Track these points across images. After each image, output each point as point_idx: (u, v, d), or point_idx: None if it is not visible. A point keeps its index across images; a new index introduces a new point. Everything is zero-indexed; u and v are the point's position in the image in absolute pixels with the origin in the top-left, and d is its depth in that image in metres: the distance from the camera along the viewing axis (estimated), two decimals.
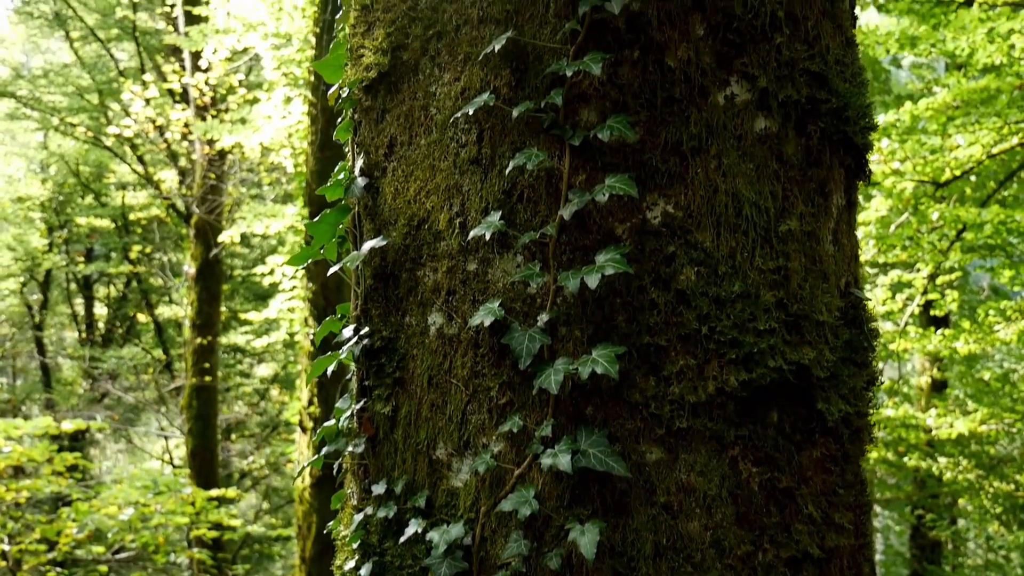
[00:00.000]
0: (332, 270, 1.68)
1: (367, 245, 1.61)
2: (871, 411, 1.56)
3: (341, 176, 1.72)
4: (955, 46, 7.39)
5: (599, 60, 1.40)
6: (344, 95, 1.71)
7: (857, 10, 1.77)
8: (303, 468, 1.82)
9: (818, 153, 1.54)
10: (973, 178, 9.41)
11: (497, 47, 1.46)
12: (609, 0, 1.42)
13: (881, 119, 8.09)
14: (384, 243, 1.60)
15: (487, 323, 1.45)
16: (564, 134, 1.45)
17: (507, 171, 1.47)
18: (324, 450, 1.67)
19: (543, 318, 1.44)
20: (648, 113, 1.46)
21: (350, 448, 1.62)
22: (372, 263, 1.64)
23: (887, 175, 8.17)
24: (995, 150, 8.04)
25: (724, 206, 1.46)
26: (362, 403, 1.62)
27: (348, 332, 1.67)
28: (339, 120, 1.78)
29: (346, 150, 1.76)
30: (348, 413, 1.66)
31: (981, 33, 7.20)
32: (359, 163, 1.69)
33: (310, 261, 1.73)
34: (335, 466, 1.68)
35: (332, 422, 1.69)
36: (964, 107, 7.92)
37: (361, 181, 1.65)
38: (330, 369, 1.72)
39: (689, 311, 1.43)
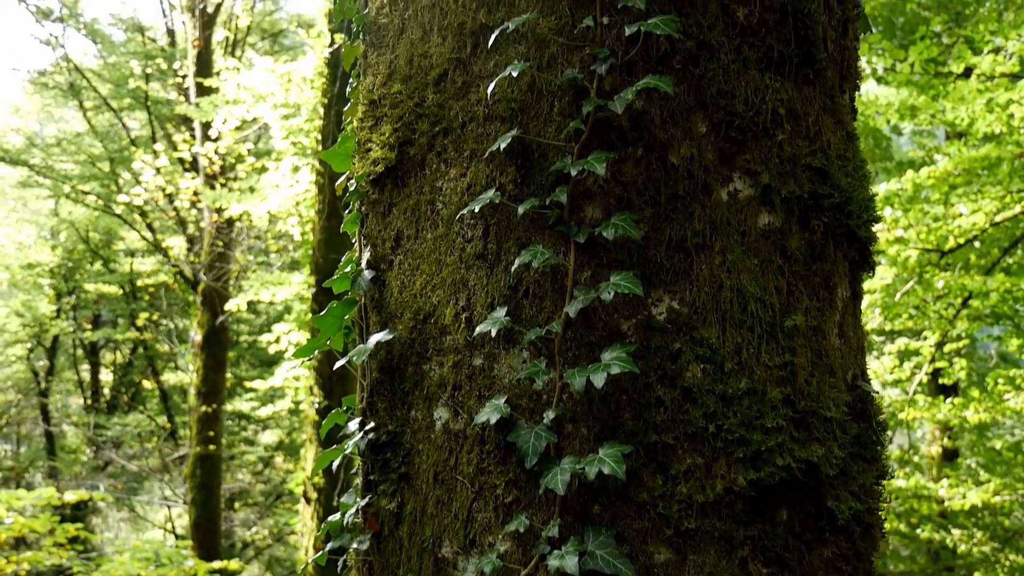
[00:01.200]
0: (339, 364, 1.68)
1: (373, 339, 1.61)
2: (882, 506, 1.54)
3: (348, 268, 1.73)
4: (955, 116, 7.48)
5: (603, 160, 1.42)
6: (352, 187, 1.73)
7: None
8: (308, 553, 1.79)
9: (822, 247, 1.55)
10: (977, 244, 9.42)
11: (503, 145, 1.48)
12: (612, 100, 1.45)
13: (883, 187, 8.15)
14: (390, 337, 1.60)
15: (493, 420, 1.44)
16: (569, 231, 1.46)
17: (513, 268, 1.47)
18: (328, 546, 1.65)
19: (549, 415, 1.44)
20: (652, 210, 1.47)
21: (355, 545, 1.60)
22: (378, 356, 1.64)
23: (891, 243, 8.19)
24: (998, 218, 8.08)
25: (729, 302, 1.46)
26: (367, 499, 1.60)
27: (353, 425, 1.66)
28: (347, 211, 1.79)
29: (353, 241, 1.77)
30: (353, 509, 1.64)
31: (980, 103, 7.28)
32: (366, 255, 1.70)
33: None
34: (339, 563, 1.66)
35: (337, 516, 1.67)
36: (966, 175, 7.98)
37: (368, 274, 1.66)
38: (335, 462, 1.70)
39: (696, 409, 1.42)
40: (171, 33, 16.95)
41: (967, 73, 7.86)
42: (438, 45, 1.61)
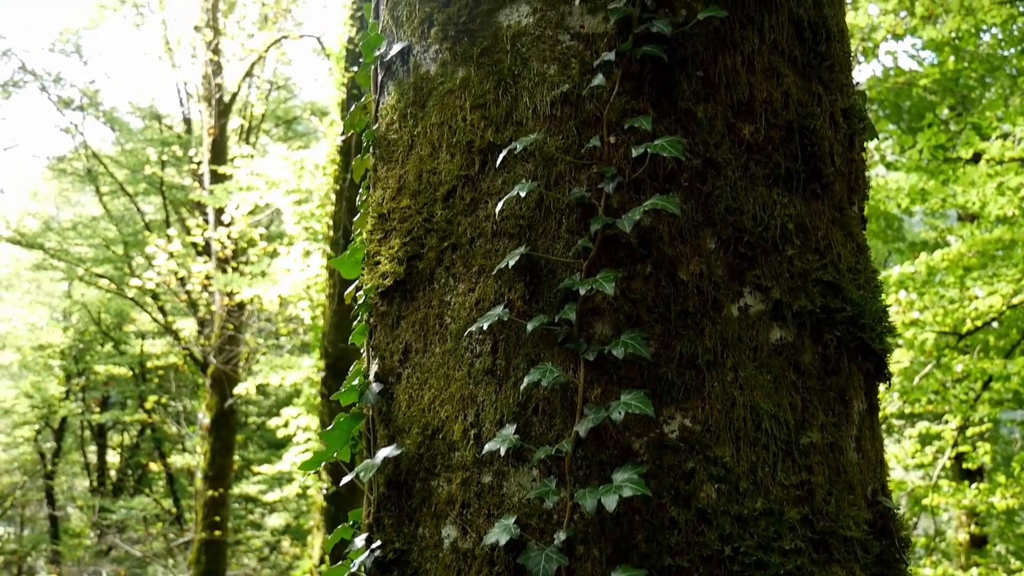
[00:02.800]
0: (346, 479, 1.65)
1: (381, 454, 1.59)
2: None
3: (356, 381, 1.71)
4: (966, 199, 7.52)
5: (611, 279, 1.41)
6: (360, 299, 1.73)
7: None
8: None
9: (836, 361, 1.53)
10: (995, 324, 9.36)
11: (511, 263, 1.48)
12: (620, 218, 1.45)
13: (896, 269, 8.14)
14: (398, 452, 1.58)
15: (502, 542, 1.41)
16: (579, 348, 1.45)
17: (522, 386, 1.46)
18: None
19: (560, 536, 1.40)
20: (662, 327, 1.46)
21: None
22: (385, 471, 1.61)
23: (907, 326, 8.14)
24: (1015, 300, 8.03)
25: (743, 420, 1.44)
26: None
27: (360, 542, 1.63)
28: (355, 322, 1.79)
29: (362, 352, 1.76)
30: None
31: (991, 187, 7.32)
32: (374, 368, 1.69)
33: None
34: None
35: None
36: (980, 258, 7.97)
37: (376, 387, 1.65)
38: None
39: (711, 530, 1.39)
40: (187, 121, 17.33)
41: (976, 158, 7.92)
42: (447, 162, 1.63)
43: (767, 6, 1.60)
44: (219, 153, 13.94)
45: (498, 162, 1.56)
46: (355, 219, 1.90)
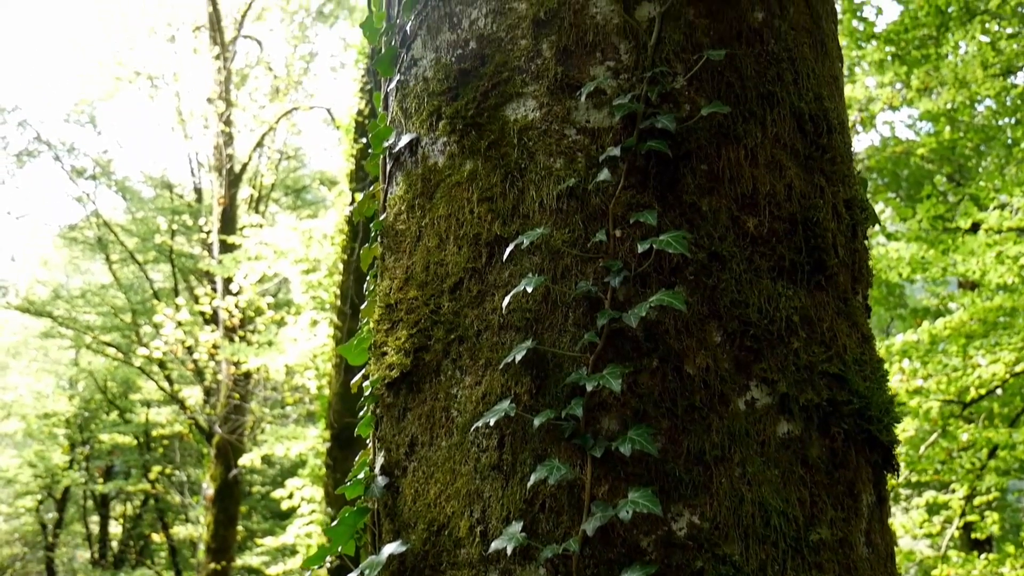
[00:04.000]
0: None
1: (386, 550, 1.57)
2: None
3: (361, 474, 1.71)
4: (966, 268, 7.54)
5: (618, 375, 1.41)
6: (367, 391, 1.74)
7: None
8: None
9: (844, 454, 1.52)
10: (999, 392, 9.30)
11: (518, 357, 1.49)
12: (626, 313, 1.46)
13: (899, 338, 8.13)
14: (403, 548, 1.56)
15: None
16: (585, 444, 1.44)
17: (529, 483, 1.45)
18: None
19: None
20: (669, 422, 1.45)
21: None
22: (391, 567, 1.59)
23: (911, 394, 8.10)
24: (1018, 368, 8.00)
25: (751, 516, 1.42)
26: None
27: None
28: (361, 413, 1.79)
29: (367, 442, 1.76)
30: None
31: (990, 256, 7.35)
32: (379, 460, 1.68)
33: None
34: None
35: None
36: (982, 326, 7.96)
37: (381, 480, 1.64)
38: None
39: None
40: (198, 190, 17.56)
41: (975, 228, 7.97)
42: (454, 254, 1.65)
43: (769, 101, 1.63)
44: (229, 222, 14.09)
45: (505, 255, 1.57)
46: (362, 307, 1.91)
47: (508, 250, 1.56)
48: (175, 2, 18.48)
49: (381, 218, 1.85)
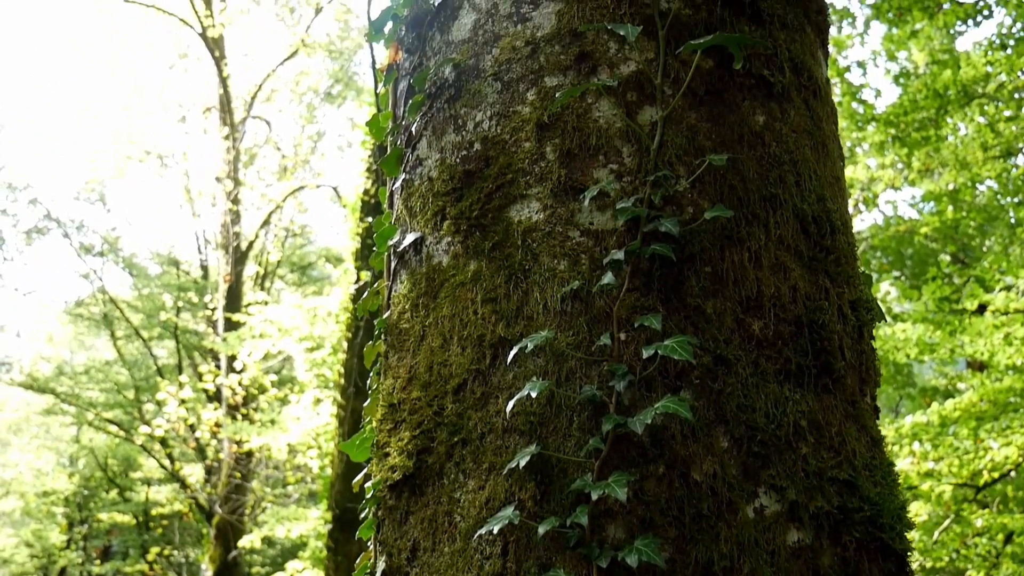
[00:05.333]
0: None
1: None
2: None
3: None
4: (974, 350, 7.51)
5: (624, 483, 1.39)
6: (369, 492, 1.71)
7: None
8: None
9: (856, 563, 1.49)
10: (1013, 474, 9.16)
11: (522, 463, 1.47)
12: (631, 418, 1.44)
13: (909, 419, 8.05)
14: None
15: None
16: (591, 554, 1.41)
17: None
18: None
19: None
20: (676, 531, 1.42)
21: None
22: None
23: (922, 477, 7.98)
24: None
25: None
26: None
27: None
28: (362, 516, 1.76)
29: (369, 545, 1.72)
30: None
31: (998, 338, 7.33)
32: (381, 564, 1.64)
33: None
34: None
35: None
36: (992, 407, 7.89)
37: None
38: None
39: None
40: (204, 267, 17.67)
41: (981, 309, 7.96)
42: (458, 355, 1.64)
43: (772, 203, 1.64)
44: (234, 299, 14.13)
45: (509, 358, 1.56)
46: (365, 404, 1.90)
47: (512, 353, 1.55)
48: (187, 83, 18.91)
49: (385, 316, 1.85)
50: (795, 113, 1.75)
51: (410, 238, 1.81)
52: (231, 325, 12.65)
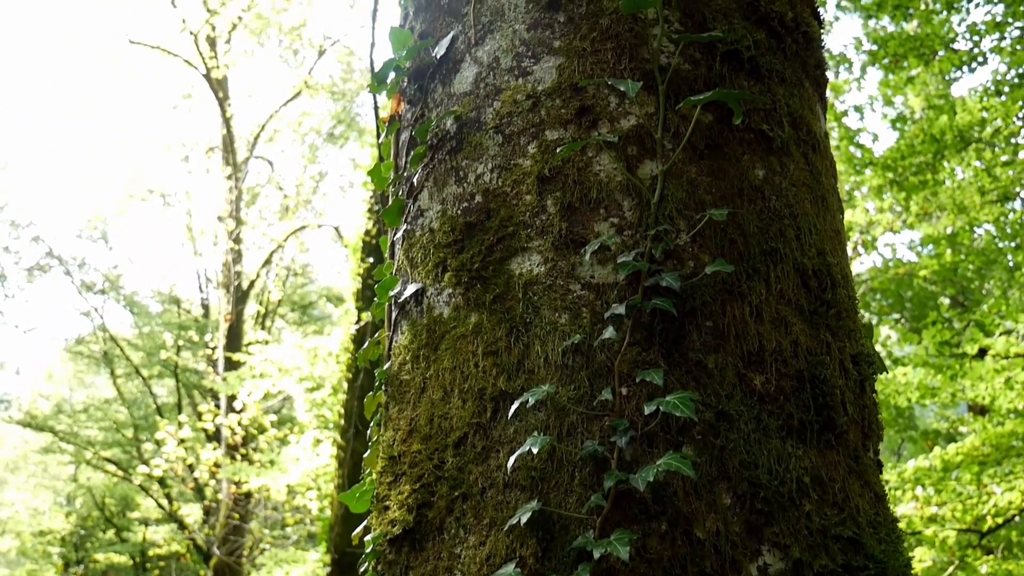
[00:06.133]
0: None
1: None
2: None
3: None
4: (975, 394, 7.48)
5: (626, 541, 1.38)
6: (368, 546, 1.69)
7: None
8: None
9: None
10: (1016, 519, 9.07)
11: (523, 519, 1.45)
12: (634, 474, 1.43)
13: (911, 464, 8.00)
14: None
15: None
16: None
17: None
18: None
19: None
20: None
21: None
22: None
23: (926, 522, 7.91)
24: None
25: None
26: None
27: None
28: (361, 570, 1.74)
29: None
30: None
31: (999, 382, 7.31)
32: None
33: None
34: None
35: None
36: (995, 452, 7.84)
37: None
38: None
39: None
40: (205, 306, 17.68)
41: (982, 353, 7.95)
42: (458, 408, 1.63)
43: (772, 257, 1.65)
44: (235, 338, 14.12)
45: (510, 412, 1.56)
46: (365, 455, 1.89)
47: (513, 407, 1.55)
48: (191, 123, 19.07)
49: (386, 367, 1.84)
50: (794, 167, 1.76)
51: (411, 289, 1.82)
52: (231, 364, 12.62)
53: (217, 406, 13.68)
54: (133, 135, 19.38)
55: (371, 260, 10.66)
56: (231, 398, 12.38)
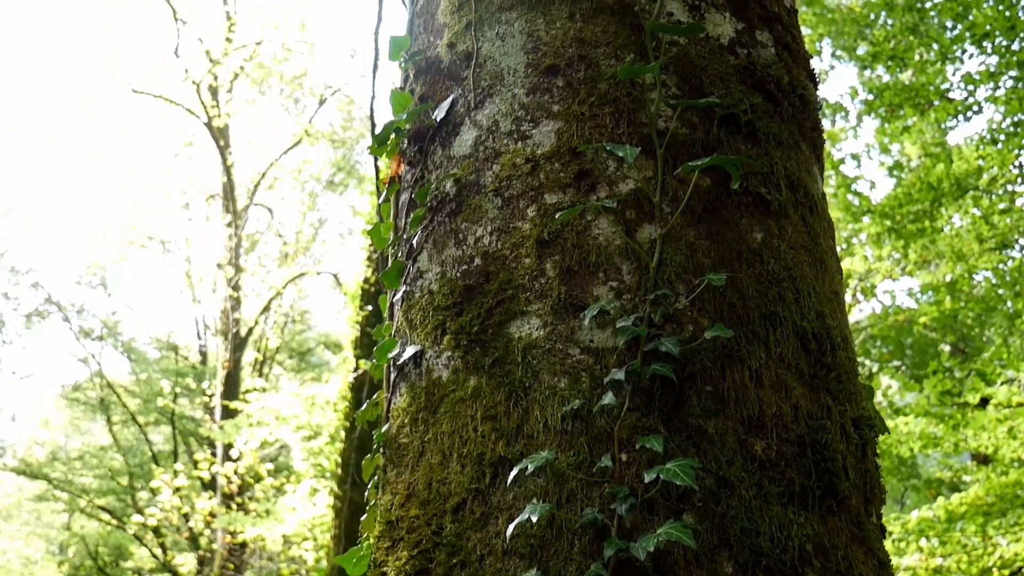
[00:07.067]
0: None
1: None
2: None
3: None
4: (978, 444, 7.44)
5: None
6: None
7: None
8: None
9: None
10: (1022, 571, 8.95)
11: None
12: (634, 542, 1.42)
13: (915, 514, 7.92)
14: None
15: None
16: None
17: None
18: None
19: None
20: None
21: None
22: None
23: (931, 574, 7.81)
24: None
25: None
26: None
27: None
28: None
29: None
30: None
31: (1002, 431, 7.27)
32: None
33: None
34: None
35: None
36: (999, 502, 7.77)
37: None
38: None
39: None
40: (203, 353, 17.63)
41: (984, 403, 7.93)
42: (457, 473, 1.62)
43: (771, 321, 1.65)
44: (232, 386, 14.06)
45: (510, 479, 1.54)
46: (362, 519, 1.87)
47: (512, 474, 1.53)
48: (191, 171, 19.20)
49: (384, 429, 1.83)
50: (792, 230, 1.77)
51: (410, 351, 1.81)
52: (228, 412, 12.56)
53: (213, 454, 13.57)
54: (134, 182, 19.50)
55: (370, 308, 10.67)
56: (228, 446, 12.29)
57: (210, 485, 13.62)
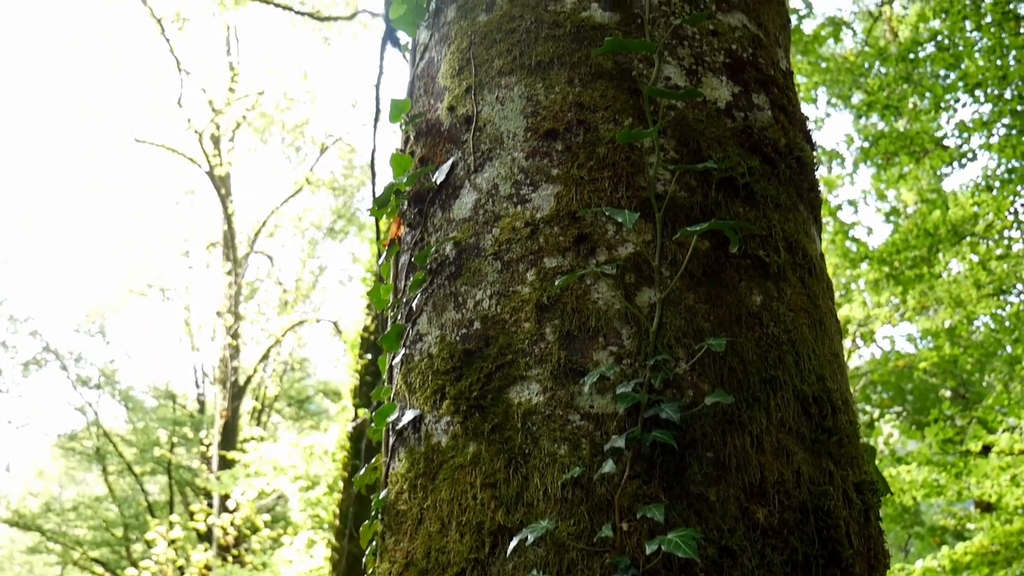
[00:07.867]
0: None
1: None
2: None
3: None
4: (981, 492, 7.38)
5: None
6: None
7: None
8: None
9: None
10: None
11: None
12: None
13: (919, 564, 7.83)
14: None
15: None
16: None
17: None
18: None
19: None
20: None
21: None
22: None
23: None
24: None
25: None
26: None
27: None
28: None
29: None
30: None
31: (1005, 479, 7.22)
32: None
33: None
34: None
35: None
36: (1004, 551, 7.69)
37: None
38: None
39: None
40: (201, 402, 17.55)
41: (986, 450, 7.88)
42: (456, 541, 1.60)
43: (772, 385, 1.64)
44: (230, 435, 13.97)
45: (509, 549, 1.52)
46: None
47: (512, 544, 1.52)
48: (192, 219, 19.29)
49: (382, 495, 1.81)
50: (791, 292, 1.77)
51: (409, 416, 1.80)
52: (226, 463, 12.46)
53: (210, 505, 13.43)
54: (134, 230, 19.59)
55: (369, 356, 10.64)
56: (224, 497, 12.17)
57: (206, 537, 13.46)
